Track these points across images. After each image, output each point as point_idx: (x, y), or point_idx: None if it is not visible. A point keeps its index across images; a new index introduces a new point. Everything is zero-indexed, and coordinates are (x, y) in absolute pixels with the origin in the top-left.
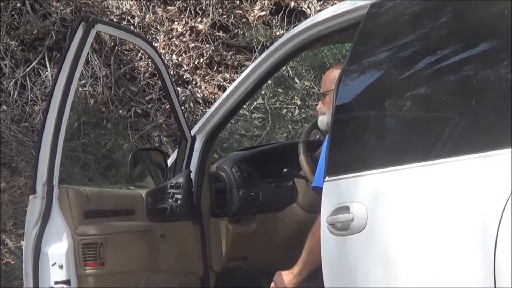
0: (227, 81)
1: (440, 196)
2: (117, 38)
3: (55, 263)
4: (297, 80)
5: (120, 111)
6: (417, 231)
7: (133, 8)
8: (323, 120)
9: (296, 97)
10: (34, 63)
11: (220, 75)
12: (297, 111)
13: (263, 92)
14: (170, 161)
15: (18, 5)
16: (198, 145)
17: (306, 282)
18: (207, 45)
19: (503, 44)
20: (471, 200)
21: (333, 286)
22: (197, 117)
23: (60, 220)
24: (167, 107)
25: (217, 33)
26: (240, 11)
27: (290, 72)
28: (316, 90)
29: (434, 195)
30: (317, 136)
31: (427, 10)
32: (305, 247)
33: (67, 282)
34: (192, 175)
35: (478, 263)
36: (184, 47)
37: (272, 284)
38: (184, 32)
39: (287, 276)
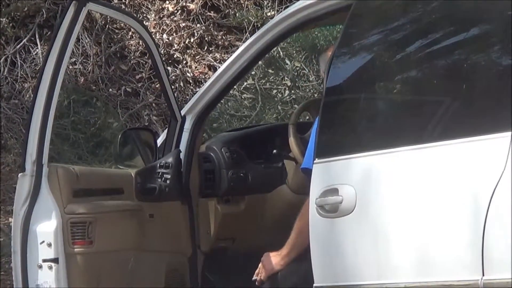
0: (217, 61)
1: (430, 179)
2: (108, 17)
3: (43, 241)
4: (287, 61)
5: (110, 90)
6: (406, 213)
7: None
8: None
9: (286, 78)
10: (25, 40)
11: (211, 55)
12: (287, 92)
13: (253, 73)
14: (159, 141)
15: None
16: (188, 125)
17: (294, 263)
18: (198, 25)
19: (496, 28)
20: (461, 183)
21: (322, 267)
22: (187, 97)
23: (49, 198)
24: (157, 86)
25: (208, 13)
26: None
27: (281, 53)
28: (307, 71)
29: (423, 178)
30: (307, 118)
31: None
32: (294, 228)
33: (55, 260)
34: (182, 155)
35: (467, 245)
36: (175, 26)
37: (260, 264)
38: (175, 11)
39: (275, 257)
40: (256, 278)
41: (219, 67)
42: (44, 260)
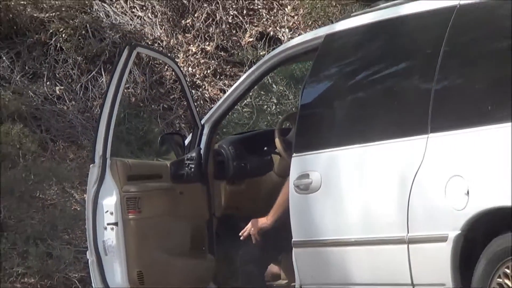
0: (226, 86)
1: (373, 168)
2: (151, 56)
3: (107, 211)
4: (274, 85)
5: (153, 106)
6: (356, 190)
7: (162, 35)
8: None
9: (273, 97)
10: (94, 72)
11: (221, 81)
12: (274, 107)
13: (250, 94)
14: (187, 141)
15: (83, 32)
16: (206, 131)
17: (276, 229)
18: (212, 61)
19: (419, 61)
20: (394, 170)
21: (298, 228)
22: (205, 111)
23: (111, 182)
24: (184, 103)
25: (220, 53)
26: (236, 38)
27: (269, 80)
28: (287, 92)
29: (368, 166)
30: (288, 125)
31: (366, 37)
32: (278, 199)
33: (116, 224)
34: (202, 152)
35: (397, 211)
36: (196, 62)
37: (249, 225)
38: (197, 51)
39: (262, 220)
40: (241, 234)
41: (227, 90)
42: (108, 224)
